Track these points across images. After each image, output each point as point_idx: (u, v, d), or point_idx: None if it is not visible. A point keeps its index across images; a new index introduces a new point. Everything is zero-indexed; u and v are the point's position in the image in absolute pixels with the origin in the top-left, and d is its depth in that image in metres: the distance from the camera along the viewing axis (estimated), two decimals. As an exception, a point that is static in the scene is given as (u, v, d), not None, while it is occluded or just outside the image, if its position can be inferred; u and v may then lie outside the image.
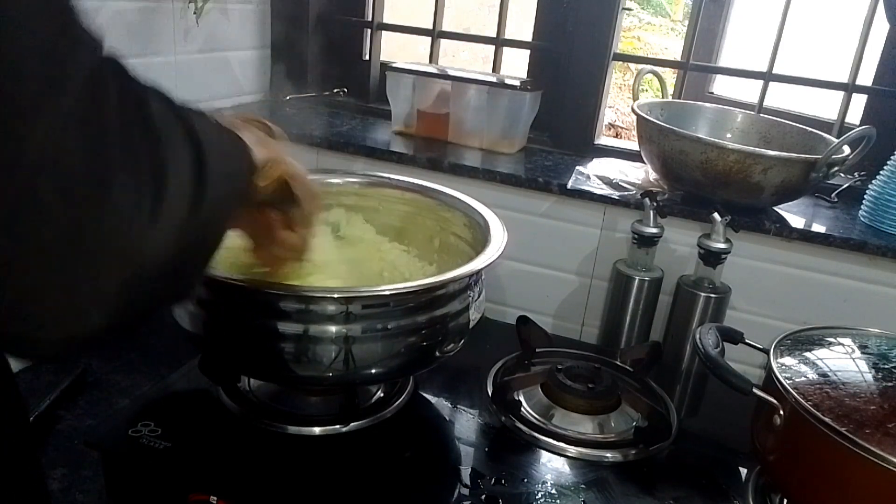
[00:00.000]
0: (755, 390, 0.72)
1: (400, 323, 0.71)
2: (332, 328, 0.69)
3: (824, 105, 1.25)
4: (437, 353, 0.76)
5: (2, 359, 0.47)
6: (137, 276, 0.34)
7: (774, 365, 0.73)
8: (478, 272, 0.76)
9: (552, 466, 0.79)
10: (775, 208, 1.06)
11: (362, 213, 0.96)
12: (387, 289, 0.71)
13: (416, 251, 0.94)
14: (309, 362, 0.70)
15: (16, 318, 0.32)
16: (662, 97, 1.23)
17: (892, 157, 1.01)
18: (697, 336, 0.79)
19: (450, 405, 0.89)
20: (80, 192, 0.31)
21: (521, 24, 1.49)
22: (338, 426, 0.81)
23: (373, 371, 0.73)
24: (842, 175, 1.00)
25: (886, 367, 0.73)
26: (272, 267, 0.68)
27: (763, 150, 0.95)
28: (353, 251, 0.88)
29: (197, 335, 0.76)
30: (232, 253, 0.79)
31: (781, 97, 1.27)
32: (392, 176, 0.98)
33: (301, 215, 0.61)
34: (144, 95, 0.35)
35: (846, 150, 0.97)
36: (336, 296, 0.69)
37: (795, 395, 0.68)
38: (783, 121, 1.15)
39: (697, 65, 1.27)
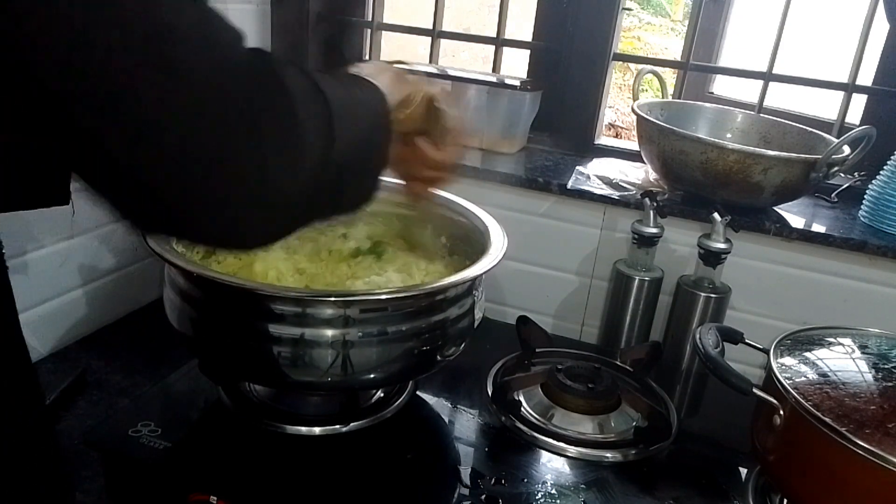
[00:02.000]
0: (755, 390, 0.72)
1: (399, 328, 0.71)
2: (329, 332, 0.68)
3: (824, 105, 1.25)
4: (438, 358, 0.76)
5: (21, 347, 0.49)
6: (290, 202, 0.43)
7: (774, 365, 0.73)
8: (477, 277, 0.76)
9: (552, 466, 0.79)
10: (775, 208, 1.06)
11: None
12: (385, 293, 0.71)
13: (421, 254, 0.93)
14: (306, 367, 0.69)
15: (218, 226, 0.40)
16: (662, 97, 1.23)
17: (892, 157, 1.01)
18: (697, 336, 0.79)
19: (450, 405, 0.89)
20: (240, 134, 0.38)
21: (521, 24, 1.49)
22: (338, 426, 0.81)
23: (371, 376, 0.72)
24: (842, 175, 1.00)
25: (886, 367, 0.73)
26: (422, 195, 0.73)
27: (763, 150, 0.95)
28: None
29: (191, 338, 0.75)
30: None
31: (781, 97, 1.27)
32: (388, 179, 0.97)
33: (447, 133, 0.67)
34: (282, 71, 0.41)
35: (846, 150, 0.97)
36: (333, 299, 0.68)
37: (795, 395, 0.68)
38: (783, 121, 1.15)
39: (697, 65, 1.26)
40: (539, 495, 0.73)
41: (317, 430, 0.80)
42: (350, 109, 0.48)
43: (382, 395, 0.87)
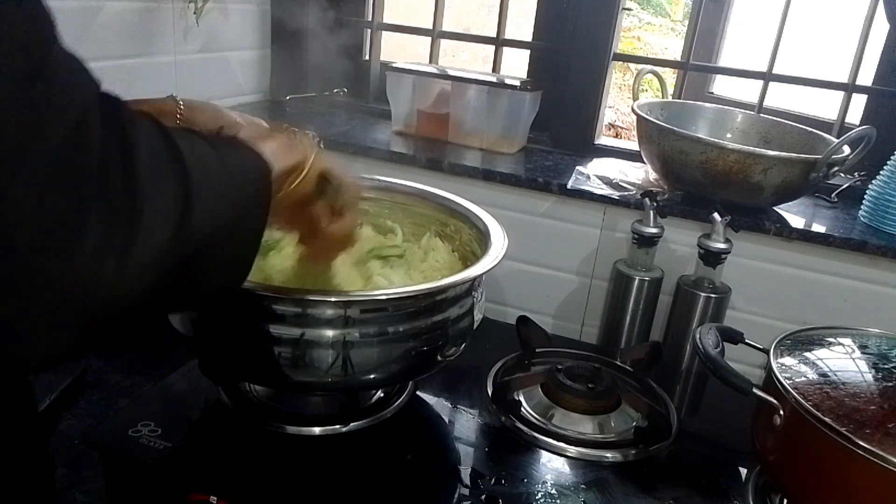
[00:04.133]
0: (755, 390, 0.72)
1: (399, 328, 0.71)
2: (330, 332, 0.68)
3: (824, 105, 1.25)
4: (439, 358, 0.76)
5: None
6: (110, 307, 0.36)
7: (774, 365, 0.73)
8: (477, 277, 0.76)
9: (552, 466, 0.79)
10: (775, 208, 1.06)
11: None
12: (385, 293, 0.71)
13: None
14: (306, 367, 0.69)
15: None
16: (662, 97, 1.23)
17: (892, 157, 1.01)
18: (697, 336, 0.79)
19: (450, 405, 0.89)
20: (53, 240, 0.32)
21: (521, 24, 1.49)
22: (338, 426, 0.81)
23: (372, 376, 0.72)
24: (842, 175, 1.00)
25: (886, 367, 0.73)
26: (323, 258, 0.71)
27: (763, 150, 0.95)
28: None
29: (191, 339, 0.75)
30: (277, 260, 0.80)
31: (781, 97, 1.27)
32: (390, 179, 0.98)
33: (341, 204, 0.64)
34: (131, 138, 0.36)
35: (846, 150, 0.97)
36: (334, 300, 0.68)
37: (795, 395, 0.68)
38: (783, 121, 1.15)
39: (697, 65, 1.27)
40: (539, 495, 0.73)
41: (316, 430, 0.80)
42: (218, 180, 0.42)
43: (382, 395, 0.87)
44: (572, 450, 0.81)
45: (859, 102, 1.17)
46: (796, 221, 1.02)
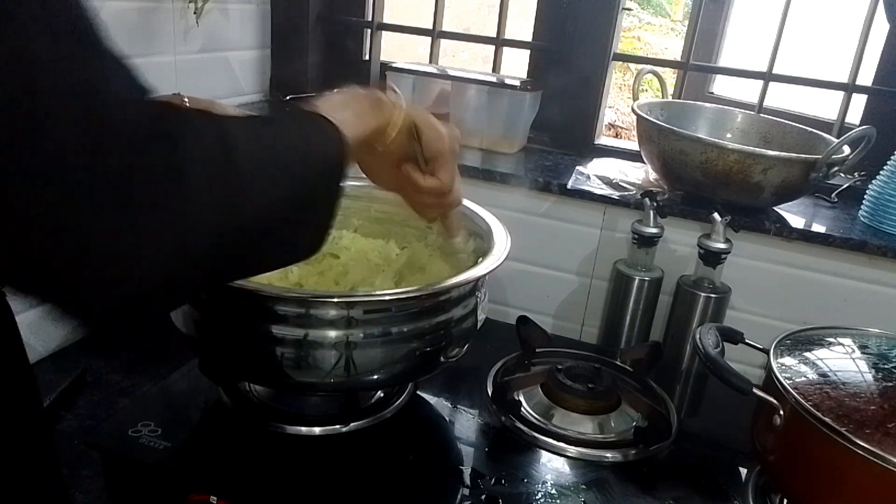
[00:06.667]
0: (755, 390, 0.72)
1: (402, 328, 0.71)
2: (333, 333, 0.68)
3: (824, 105, 1.25)
4: (442, 359, 0.76)
5: (19, 347, 0.49)
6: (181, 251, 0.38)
7: (774, 365, 0.73)
8: (481, 278, 0.76)
9: (552, 466, 0.79)
10: (775, 208, 1.06)
11: (357, 217, 0.96)
12: (389, 294, 0.71)
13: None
14: (309, 368, 0.69)
15: (67, 281, 0.36)
16: (662, 97, 1.23)
17: (892, 157, 1.01)
18: (697, 336, 0.79)
19: (450, 405, 0.89)
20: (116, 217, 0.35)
21: (521, 25, 1.49)
22: (338, 426, 0.81)
23: (374, 377, 0.72)
24: (842, 175, 1.00)
25: (886, 367, 0.73)
26: (429, 215, 0.72)
27: (763, 150, 0.95)
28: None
29: (193, 338, 0.75)
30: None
31: (781, 97, 1.27)
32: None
33: (433, 158, 0.64)
34: (180, 131, 0.38)
35: (846, 150, 0.97)
36: (337, 300, 0.68)
37: (795, 395, 0.68)
38: (783, 121, 1.15)
39: (697, 65, 1.26)
40: (539, 495, 0.73)
41: (317, 430, 0.80)
42: (275, 167, 0.44)
43: (382, 394, 0.87)
44: (572, 450, 0.81)
45: (859, 102, 1.17)
46: (796, 221, 1.02)
